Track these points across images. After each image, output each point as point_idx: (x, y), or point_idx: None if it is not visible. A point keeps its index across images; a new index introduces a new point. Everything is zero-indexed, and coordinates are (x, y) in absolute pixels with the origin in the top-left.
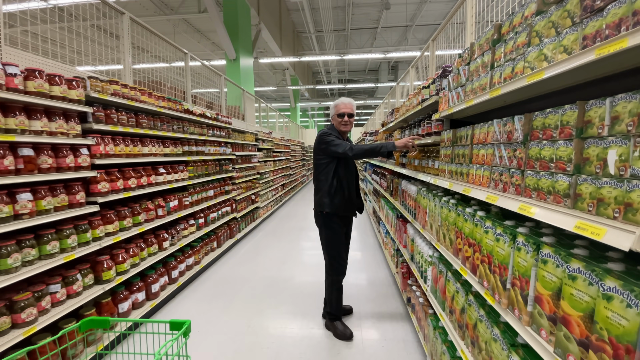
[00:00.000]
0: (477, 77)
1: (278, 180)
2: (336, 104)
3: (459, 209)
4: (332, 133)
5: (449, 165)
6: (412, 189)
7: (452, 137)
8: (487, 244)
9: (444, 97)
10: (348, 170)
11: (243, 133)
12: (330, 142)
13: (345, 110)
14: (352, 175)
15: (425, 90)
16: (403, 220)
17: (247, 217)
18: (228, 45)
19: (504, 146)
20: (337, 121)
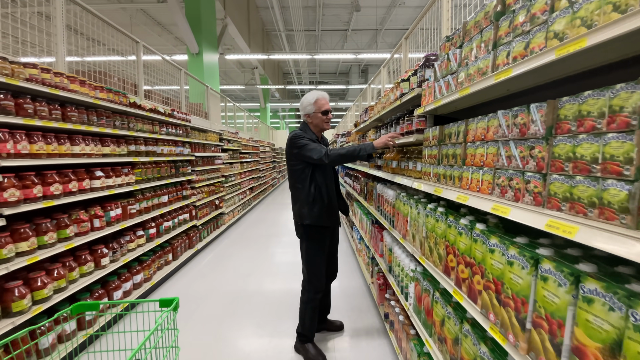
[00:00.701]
0: (474, 60)
1: (246, 184)
2: (316, 98)
3: (450, 219)
4: (304, 135)
5: (435, 168)
6: (390, 193)
7: (439, 134)
8: (493, 266)
9: (428, 89)
10: (326, 175)
11: (205, 132)
12: (303, 146)
13: (328, 107)
14: (332, 180)
15: (405, 83)
16: (379, 226)
17: (210, 225)
18: (190, 38)
19: (514, 143)
20: (320, 119)
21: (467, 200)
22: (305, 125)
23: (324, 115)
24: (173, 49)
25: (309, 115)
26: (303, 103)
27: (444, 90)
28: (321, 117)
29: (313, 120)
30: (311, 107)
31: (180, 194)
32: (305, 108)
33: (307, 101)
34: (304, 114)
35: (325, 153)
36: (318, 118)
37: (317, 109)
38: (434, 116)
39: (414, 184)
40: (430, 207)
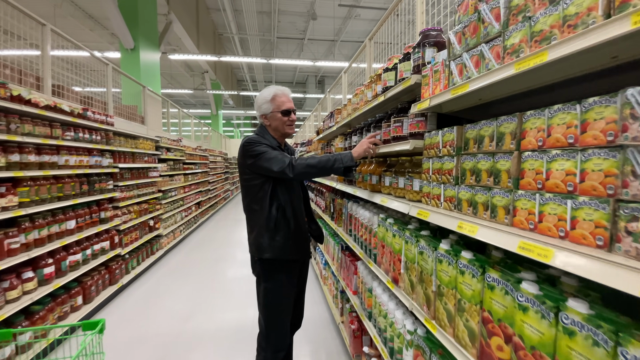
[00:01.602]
0: (549, 6)
1: (191, 198)
2: (273, 95)
3: (491, 276)
4: (261, 141)
5: (449, 189)
6: (366, 215)
7: (458, 139)
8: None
9: (434, 74)
10: (292, 191)
11: (135, 139)
12: (260, 155)
13: (290, 106)
14: (299, 197)
15: (389, 73)
16: (351, 255)
17: (141, 251)
18: (123, 30)
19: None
20: (280, 121)
21: (550, 256)
22: (263, 128)
23: (285, 116)
24: (109, 47)
25: (265, 116)
26: (258, 101)
27: (473, 70)
28: (281, 118)
29: (271, 122)
30: (268, 106)
31: (96, 217)
32: (261, 107)
33: (263, 98)
34: (260, 115)
35: (289, 164)
36: (277, 119)
37: (275, 108)
38: (436, 115)
39: (411, 211)
40: (444, 248)
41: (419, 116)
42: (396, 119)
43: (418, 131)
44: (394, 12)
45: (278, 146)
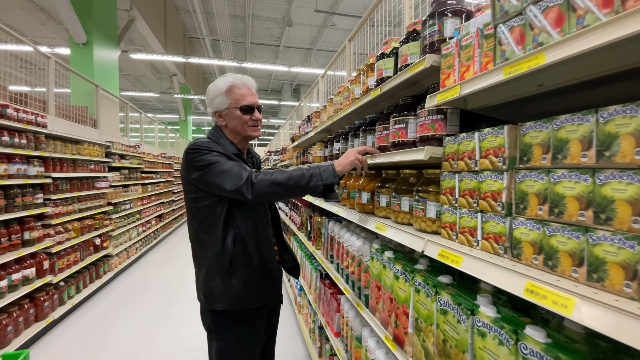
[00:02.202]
0: None
1: (151, 211)
2: (230, 86)
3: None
4: (212, 147)
5: (494, 221)
6: (354, 242)
7: (510, 145)
8: None
9: (463, 52)
10: (257, 213)
11: (78, 143)
12: (209, 166)
13: (253, 100)
14: (267, 221)
15: (386, 61)
16: (332, 285)
17: (84, 275)
18: (73, 22)
19: None
20: (240, 120)
21: None
22: (217, 130)
23: (246, 114)
24: (64, 43)
25: (219, 113)
26: (210, 93)
27: (550, 30)
28: (241, 116)
29: (228, 121)
30: (222, 100)
31: (16, 239)
32: (214, 101)
33: (216, 90)
34: (212, 112)
35: (247, 179)
36: (236, 118)
37: (232, 103)
38: (459, 112)
39: (428, 249)
40: (488, 315)
41: (434, 114)
42: (398, 118)
43: (434, 134)
44: (377, 9)
45: (237, 154)
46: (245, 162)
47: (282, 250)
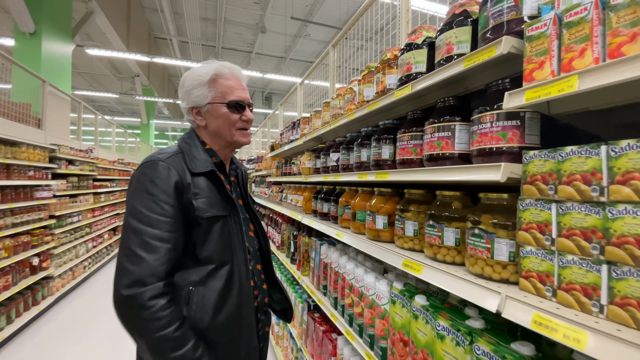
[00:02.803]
0: None
1: (103, 223)
2: (215, 74)
3: None
4: (164, 183)
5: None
6: (361, 276)
7: None
8: None
9: (570, 32)
10: (237, 244)
11: (14, 145)
12: (135, 221)
13: (243, 96)
14: (242, 257)
15: (415, 53)
16: (324, 320)
17: (17, 303)
18: (19, 7)
19: None
20: (227, 120)
21: None
22: (192, 136)
23: (236, 113)
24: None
25: (199, 109)
26: (186, 83)
27: None
28: (227, 115)
29: (209, 120)
30: (203, 92)
31: None
32: (191, 93)
33: (195, 79)
34: (189, 107)
35: (150, 289)
36: (220, 117)
37: (217, 96)
38: (540, 117)
39: (518, 316)
40: None
41: (507, 118)
42: (439, 124)
43: (505, 147)
44: (372, 7)
45: (218, 167)
46: (227, 175)
47: (272, 288)
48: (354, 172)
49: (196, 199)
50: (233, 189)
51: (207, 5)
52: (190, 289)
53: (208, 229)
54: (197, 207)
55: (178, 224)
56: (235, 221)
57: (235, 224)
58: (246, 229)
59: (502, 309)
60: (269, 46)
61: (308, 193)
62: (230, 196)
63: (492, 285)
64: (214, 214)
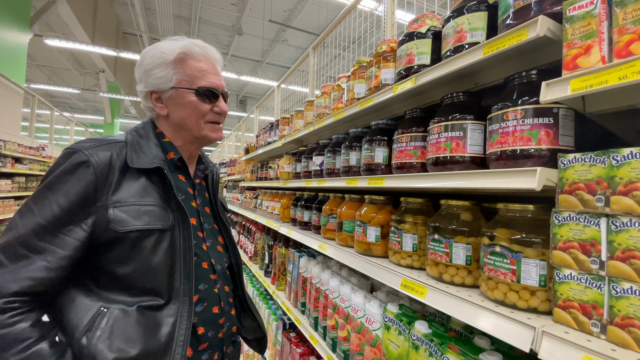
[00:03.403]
0: None
1: None
2: (182, 52)
3: None
4: (72, 178)
5: None
6: (354, 299)
7: None
8: None
9: (627, 13)
10: (196, 262)
11: None
12: (25, 214)
13: (217, 82)
14: (188, 290)
15: (417, 44)
16: (301, 343)
17: None
18: None
19: None
20: (195, 110)
21: None
22: (148, 127)
23: (206, 102)
24: None
25: (159, 94)
26: (144, 60)
27: None
28: (196, 103)
29: (172, 109)
30: (166, 74)
31: None
32: (150, 73)
33: (157, 56)
34: (147, 91)
35: None
36: (187, 106)
37: (183, 80)
38: (574, 115)
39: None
40: None
41: (537, 115)
42: (449, 123)
43: (534, 149)
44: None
45: (174, 165)
46: (190, 176)
47: (243, 314)
48: (341, 178)
49: (115, 206)
50: (198, 193)
51: (181, 3)
52: (101, 310)
53: (132, 247)
54: (114, 217)
55: (72, 238)
56: (185, 236)
57: (184, 239)
58: (214, 243)
59: (538, 348)
60: (245, 49)
61: (286, 200)
62: (180, 203)
63: (520, 316)
64: (141, 226)
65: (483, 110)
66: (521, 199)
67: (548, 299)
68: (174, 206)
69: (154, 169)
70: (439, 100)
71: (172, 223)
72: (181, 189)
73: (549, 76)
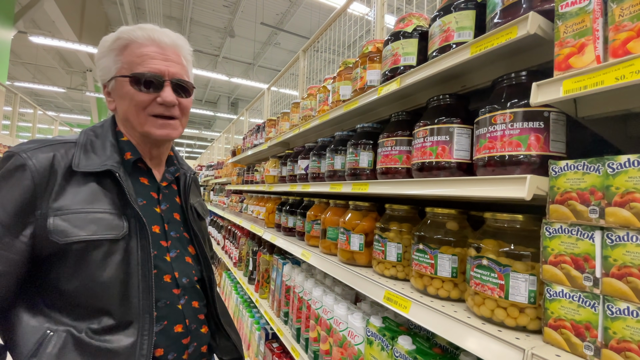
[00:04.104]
0: None
1: None
2: (125, 40)
3: None
4: (19, 165)
5: None
6: (337, 311)
7: None
8: None
9: (623, 9)
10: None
11: None
12: None
13: (158, 67)
14: (148, 307)
15: (403, 43)
16: (283, 354)
17: None
18: None
19: None
20: (131, 101)
21: None
22: (108, 124)
23: (142, 90)
24: None
25: (106, 87)
26: (97, 52)
27: None
28: (132, 93)
29: (118, 103)
30: (108, 63)
31: None
32: (98, 64)
33: (102, 45)
34: (102, 85)
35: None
36: (125, 97)
37: (123, 67)
38: (565, 118)
39: None
40: None
41: (528, 119)
42: (435, 126)
43: (524, 155)
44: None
45: (132, 166)
46: (155, 180)
47: (217, 332)
48: (325, 182)
49: (56, 214)
50: (164, 198)
51: (172, 3)
52: (47, 333)
53: (77, 261)
54: (54, 227)
55: (9, 253)
56: (143, 246)
57: (142, 250)
58: (181, 253)
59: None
60: (237, 51)
61: (272, 204)
62: (134, 209)
63: (508, 336)
64: (87, 237)
65: (470, 113)
66: (510, 207)
67: (538, 317)
68: (131, 213)
69: (104, 172)
70: (425, 103)
71: (125, 232)
72: (141, 193)
73: (539, 78)
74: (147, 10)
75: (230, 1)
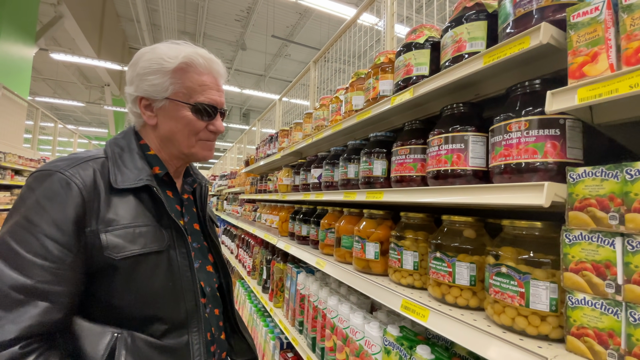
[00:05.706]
0: None
1: None
2: (186, 62)
3: None
4: (65, 183)
5: None
6: (353, 320)
7: None
8: None
9: (634, 19)
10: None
11: None
12: (8, 241)
13: (217, 99)
14: (195, 309)
15: (415, 54)
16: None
17: None
18: None
19: None
20: (188, 126)
21: None
22: (130, 137)
23: (202, 119)
24: None
25: (149, 102)
26: (139, 62)
27: None
28: (191, 119)
29: (163, 121)
30: (162, 82)
31: None
32: (144, 78)
33: (155, 60)
34: (137, 96)
35: None
36: (180, 120)
37: (180, 92)
38: (581, 125)
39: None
40: None
41: (543, 126)
42: (449, 135)
43: (540, 162)
44: (354, 24)
45: (160, 180)
46: (177, 192)
47: (233, 336)
48: (339, 191)
49: (107, 231)
50: (186, 210)
51: (186, 19)
52: (115, 335)
53: (129, 274)
54: (107, 243)
55: (70, 271)
56: (182, 254)
57: (182, 258)
58: (203, 263)
59: None
60: (248, 63)
61: (285, 213)
62: (175, 222)
63: (530, 344)
64: (139, 250)
65: (485, 121)
66: (528, 214)
67: (560, 325)
68: (166, 224)
69: (141, 187)
70: (438, 112)
71: (168, 242)
72: (170, 207)
73: (553, 86)
74: (162, 27)
75: (242, 15)
